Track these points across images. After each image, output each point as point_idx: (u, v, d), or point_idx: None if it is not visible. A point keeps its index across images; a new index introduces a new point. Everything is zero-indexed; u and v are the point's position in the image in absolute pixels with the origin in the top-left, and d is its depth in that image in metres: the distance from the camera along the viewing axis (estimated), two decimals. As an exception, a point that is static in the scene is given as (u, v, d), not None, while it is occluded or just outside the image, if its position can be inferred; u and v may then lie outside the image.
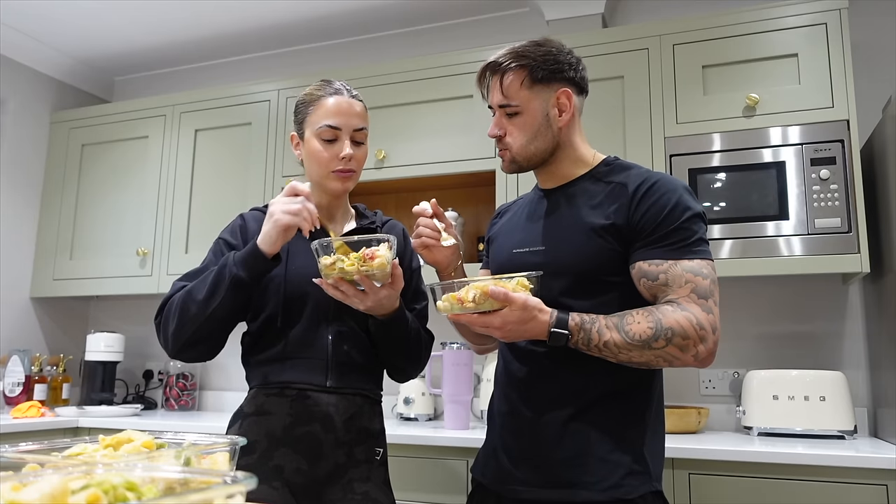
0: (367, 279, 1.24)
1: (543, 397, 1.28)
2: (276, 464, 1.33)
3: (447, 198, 2.77)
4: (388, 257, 1.23)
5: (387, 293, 1.28)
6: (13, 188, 3.16)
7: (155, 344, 3.30)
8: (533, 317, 1.15)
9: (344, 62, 3.21)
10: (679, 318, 1.15)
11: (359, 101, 1.46)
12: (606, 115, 2.33)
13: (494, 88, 1.33)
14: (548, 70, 1.30)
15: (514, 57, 1.30)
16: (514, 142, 1.32)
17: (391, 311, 1.35)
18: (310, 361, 1.38)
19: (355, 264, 1.22)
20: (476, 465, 1.41)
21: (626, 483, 1.21)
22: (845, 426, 1.99)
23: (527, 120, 1.31)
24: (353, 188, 1.50)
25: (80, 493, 0.50)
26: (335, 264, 1.23)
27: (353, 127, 1.42)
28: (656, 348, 1.15)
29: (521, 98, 1.30)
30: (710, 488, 1.79)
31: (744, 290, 2.42)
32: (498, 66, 1.32)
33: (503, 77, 1.31)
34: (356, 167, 1.44)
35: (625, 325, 1.16)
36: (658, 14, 2.74)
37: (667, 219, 1.22)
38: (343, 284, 1.25)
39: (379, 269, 1.22)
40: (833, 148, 2.08)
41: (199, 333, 1.33)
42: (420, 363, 1.51)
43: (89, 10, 2.97)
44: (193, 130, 2.98)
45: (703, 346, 1.15)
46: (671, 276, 1.19)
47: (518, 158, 1.34)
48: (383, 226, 1.55)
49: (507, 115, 1.32)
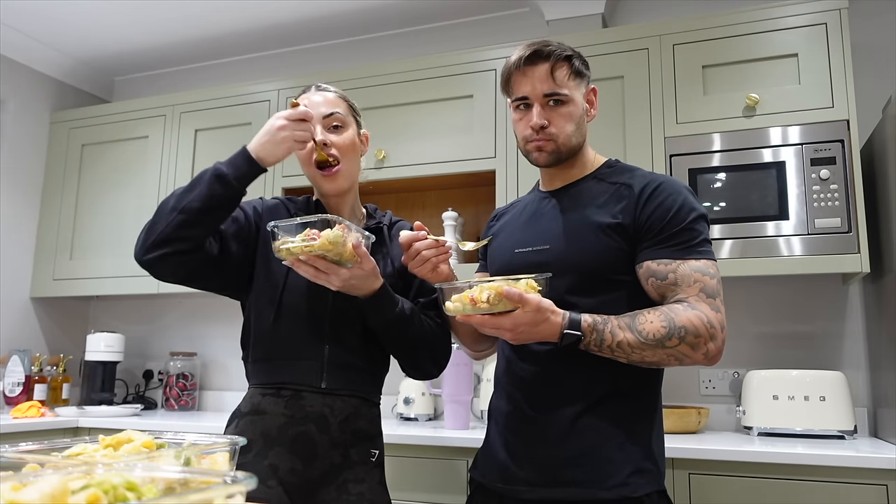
0: (319, 259, 1.23)
1: (549, 396, 1.28)
2: (271, 463, 1.33)
3: (447, 198, 2.78)
4: (331, 237, 1.20)
5: (353, 273, 1.26)
6: (13, 188, 3.16)
7: (155, 344, 3.30)
8: (546, 318, 1.14)
9: (344, 62, 3.21)
10: (691, 317, 1.16)
11: (330, 92, 1.47)
12: (606, 115, 2.33)
13: (540, 78, 1.30)
14: (584, 66, 1.35)
15: (558, 47, 1.31)
16: (560, 132, 1.32)
17: (371, 292, 1.31)
18: (304, 362, 1.38)
19: (299, 245, 1.21)
20: (475, 466, 1.40)
21: (633, 481, 1.21)
22: (845, 426, 1.99)
23: (573, 110, 1.32)
24: (350, 188, 1.48)
25: (80, 493, 0.50)
26: (283, 244, 1.23)
27: (320, 115, 1.42)
28: (669, 347, 1.16)
29: (570, 87, 1.32)
30: (710, 488, 1.79)
31: (744, 290, 2.42)
32: (543, 56, 1.30)
33: (553, 66, 1.30)
34: (338, 154, 1.42)
35: (637, 324, 1.17)
36: (658, 14, 2.74)
37: (673, 219, 1.24)
38: (301, 265, 1.24)
39: (322, 248, 1.20)
40: (833, 148, 2.08)
41: (168, 228, 1.27)
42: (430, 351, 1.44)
43: (89, 10, 2.97)
44: (193, 130, 2.98)
45: (712, 344, 1.18)
46: (680, 275, 1.21)
47: (563, 149, 1.33)
48: (392, 226, 1.54)
49: (552, 104, 1.31)
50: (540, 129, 1.31)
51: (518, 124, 1.36)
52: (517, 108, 1.35)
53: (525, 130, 1.34)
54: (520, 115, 1.35)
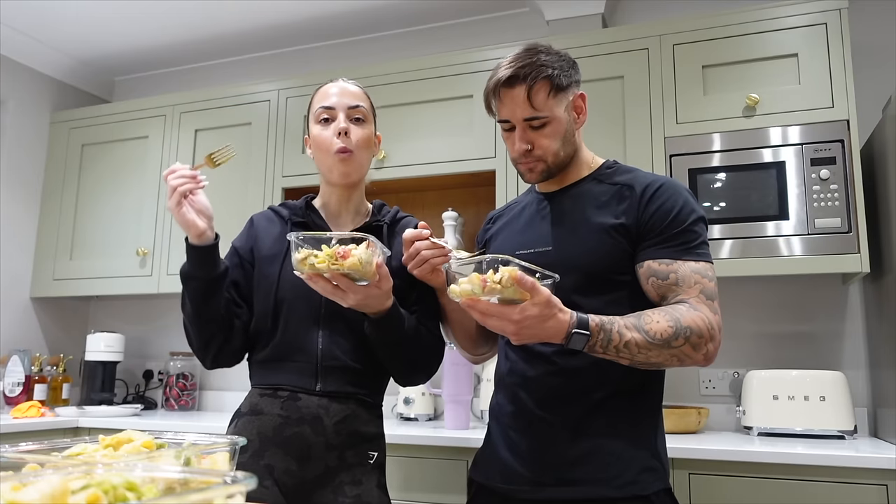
0: (342, 277, 1.20)
1: (555, 396, 1.27)
2: (267, 463, 1.33)
3: (447, 198, 2.78)
4: (363, 257, 1.18)
5: (371, 293, 1.24)
6: (13, 188, 3.16)
7: (155, 344, 3.31)
8: (553, 315, 1.11)
9: (344, 62, 3.21)
10: (695, 318, 1.17)
11: (356, 86, 1.48)
12: (606, 115, 2.33)
13: (517, 103, 1.27)
14: (567, 76, 1.30)
15: (534, 68, 1.26)
16: (546, 152, 1.30)
17: (382, 311, 1.31)
18: (299, 364, 1.38)
19: (326, 262, 1.18)
20: (476, 468, 1.39)
21: (642, 479, 1.21)
22: (845, 426, 1.99)
23: (556, 128, 1.30)
24: (360, 181, 1.48)
25: (80, 493, 0.50)
26: (307, 259, 1.19)
27: (346, 105, 1.43)
28: (675, 347, 1.16)
29: (549, 108, 1.28)
30: (710, 488, 1.79)
31: (744, 290, 2.42)
32: (520, 80, 1.26)
33: (530, 90, 1.25)
34: (353, 147, 1.41)
35: (644, 324, 1.17)
36: (658, 14, 2.74)
37: (675, 220, 1.25)
38: (319, 281, 1.22)
39: (351, 268, 1.17)
40: (833, 148, 2.08)
41: (200, 337, 1.38)
42: (425, 367, 1.45)
43: (89, 10, 2.97)
44: (193, 130, 2.98)
45: (711, 345, 1.19)
46: (681, 276, 1.22)
47: (552, 166, 1.32)
48: (395, 223, 1.52)
49: (533, 127, 1.29)
50: (525, 152, 1.31)
51: (507, 143, 1.35)
52: (503, 129, 1.34)
53: (513, 152, 1.34)
54: (506, 135, 1.34)
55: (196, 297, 1.34)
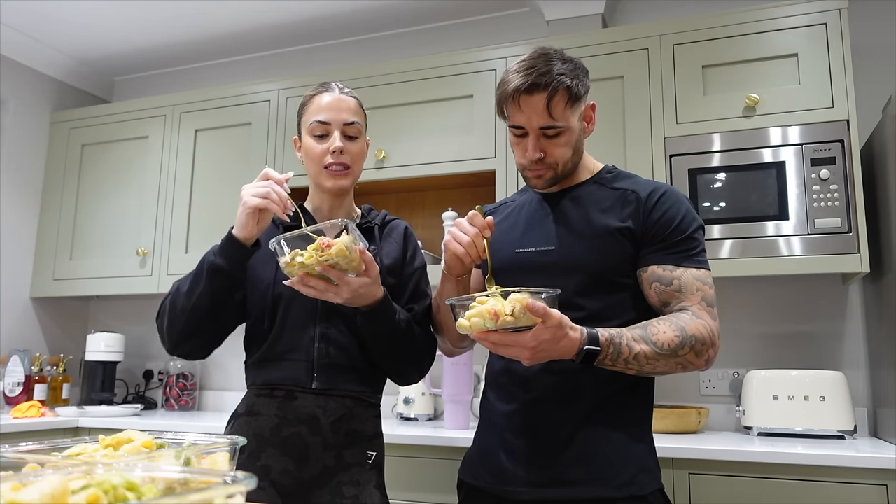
0: (332, 269, 1.20)
1: (553, 396, 1.27)
2: (264, 464, 1.33)
3: (447, 198, 2.78)
4: (346, 242, 1.18)
5: (362, 282, 1.25)
6: (13, 188, 3.16)
7: (155, 344, 3.30)
8: (565, 335, 1.10)
9: (344, 62, 3.21)
10: (698, 326, 1.20)
11: (351, 98, 1.47)
12: (606, 115, 2.33)
13: (535, 111, 1.25)
14: (583, 86, 1.29)
15: (554, 77, 1.24)
16: (558, 160, 1.30)
17: (374, 301, 1.30)
18: (295, 363, 1.38)
19: (313, 256, 1.18)
20: (466, 469, 1.38)
21: (639, 479, 1.22)
22: (845, 426, 1.99)
23: (569, 138, 1.30)
24: (351, 187, 1.49)
25: (80, 493, 0.50)
26: (294, 260, 1.20)
27: (342, 121, 1.43)
28: (681, 355, 1.18)
29: (566, 118, 1.27)
30: (710, 488, 1.79)
31: (744, 290, 2.42)
32: (540, 88, 1.23)
33: (550, 100, 1.24)
34: (350, 162, 1.43)
35: (650, 335, 1.17)
36: (658, 14, 2.74)
37: (678, 228, 1.27)
38: (311, 280, 1.22)
39: (338, 255, 1.17)
40: (833, 148, 2.08)
41: (188, 326, 1.35)
42: (417, 363, 1.45)
43: (89, 10, 2.97)
44: (193, 130, 2.98)
45: (712, 351, 1.22)
46: (684, 282, 1.24)
47: (560, 174, 1.32)
48: (384, 225, 1.53)
49: (547, 136, 1.28)
50: (537, 160, 1.30)
51: (515, 148, 1.34)
52: (514, 134, 1.32)
53: (522, 158, 1.32)
54: (516, 140, 1.32)
55: (219, 292, 1.33)
